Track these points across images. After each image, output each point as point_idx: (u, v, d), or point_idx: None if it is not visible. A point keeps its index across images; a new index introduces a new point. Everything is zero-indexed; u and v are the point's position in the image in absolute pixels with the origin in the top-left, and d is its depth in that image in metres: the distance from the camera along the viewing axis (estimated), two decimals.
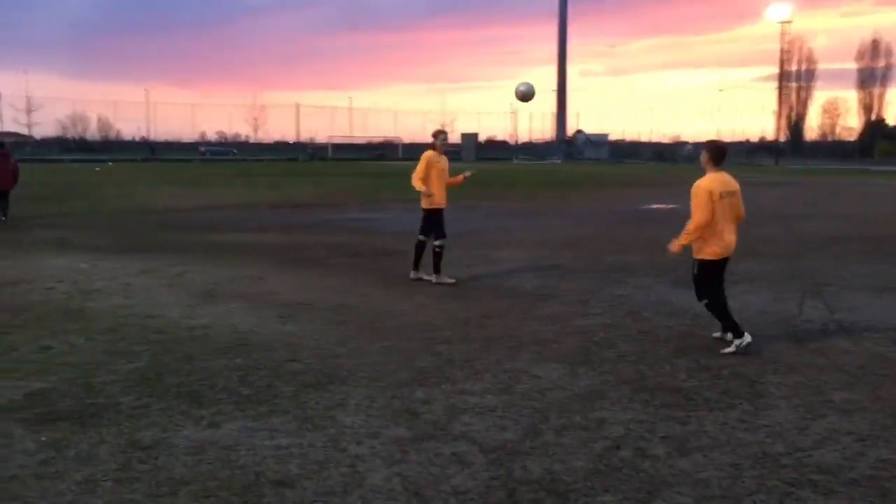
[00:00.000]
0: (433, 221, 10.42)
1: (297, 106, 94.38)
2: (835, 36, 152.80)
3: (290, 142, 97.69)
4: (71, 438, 5.11)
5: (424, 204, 10.40)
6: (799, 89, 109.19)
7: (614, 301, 9.48)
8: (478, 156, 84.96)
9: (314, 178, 41.98)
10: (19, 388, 6.13)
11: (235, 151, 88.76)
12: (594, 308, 9.07)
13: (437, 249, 10.45)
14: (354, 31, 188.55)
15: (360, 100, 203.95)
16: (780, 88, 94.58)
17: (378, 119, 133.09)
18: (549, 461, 4.73)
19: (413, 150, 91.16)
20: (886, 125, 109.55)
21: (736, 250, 7.48)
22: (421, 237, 10.57)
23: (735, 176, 7.54)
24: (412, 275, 10.69)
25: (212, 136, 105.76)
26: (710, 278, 7.37)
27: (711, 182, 7.20)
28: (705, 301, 7.41)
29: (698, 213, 7.15)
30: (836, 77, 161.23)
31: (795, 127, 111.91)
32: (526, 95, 8.60)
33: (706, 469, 4.62)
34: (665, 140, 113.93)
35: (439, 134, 10.44)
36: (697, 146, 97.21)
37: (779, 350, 7.28)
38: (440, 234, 10.45)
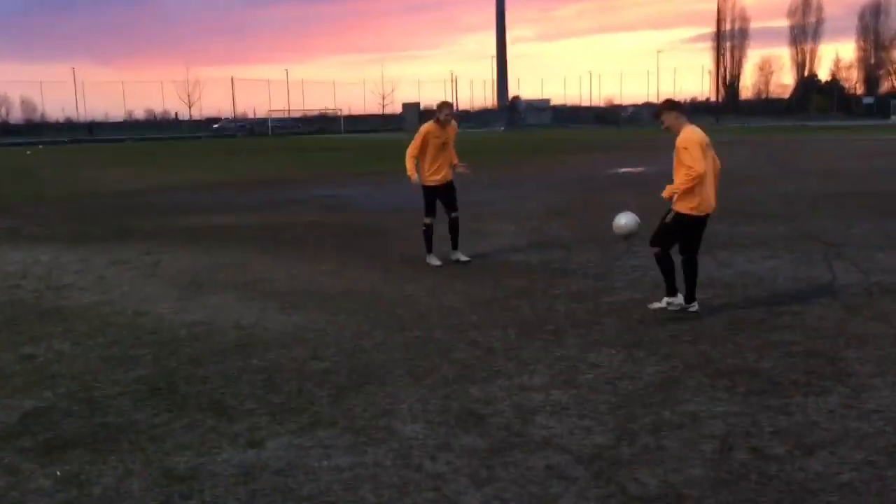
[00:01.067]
0: (433, 198, 9.57)
1: (232, 80, 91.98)
2: None
3: (223, 117, 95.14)
4: (90, 471, 4.34)
5: (425, 179, 9.56)
6: (733, 48, 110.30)
7: (634, 273, 8.91)
8: (420, 125, 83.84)
9: (263, 155, 40.70)
10: (11, 409, 5.31)
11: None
12: (617, 282, 8.50)
13: (451, 224, 9.70)
14: (286, 2, 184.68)
15: (295, 72, 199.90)
16: (718, 48, 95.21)
17: (316, 91, 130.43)
18: (661, 470, 4.11)
19: (354, 122, 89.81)
20: (819, 80, 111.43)
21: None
22: (427, 220, 9.61)
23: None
24: (432, 261, 9.67)
25: (140, 114, 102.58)
26: (679, 234, 7.01)
27: (697, 134, 6.83)
28: (657, 250, 7.03)
29: (695, 164, 6.68)
30: (769, 35, 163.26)
31: (731, 86, 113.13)
32: (628, 229, 7.49)
33: (842, 470, 4.06)
34: (601, 104, 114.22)
35: (442, 107, 9.48)
36: (638, 109, 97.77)
37: (836, 320, 6.79)
38: (449, 207, 9.65)
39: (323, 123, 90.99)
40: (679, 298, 7.02)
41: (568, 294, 8.05)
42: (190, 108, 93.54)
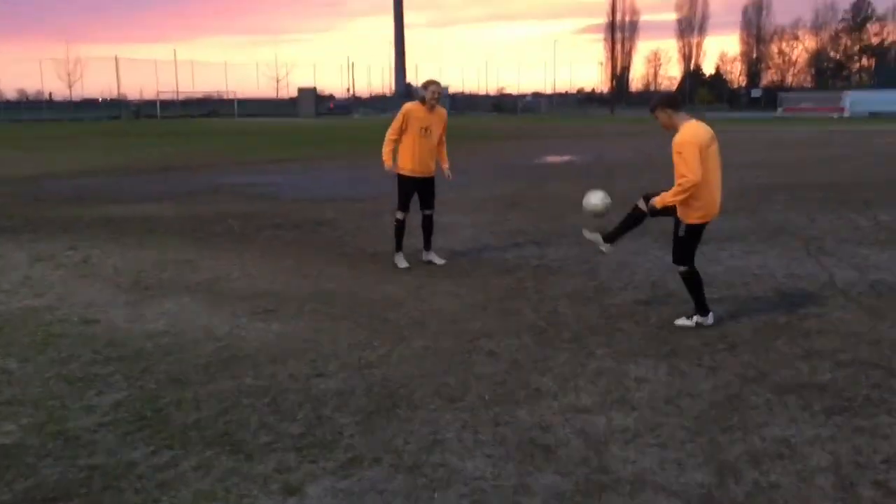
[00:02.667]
0: (408, 190, 8.60)
1: (116, 59, 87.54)
2: None
3: (100, 98, 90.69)
4: None
5: (400, 168, 8.59)
6: (623, 41, 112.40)
7: (623, 271, 8.42)
8: (317, 111, 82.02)
9: (157, 139, 38.71)
10: None
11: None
12: (612, 282, 7.97)
13: (424, 222, 8.81)
14: None
15: (183, 53, 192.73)
16: (614, 40, 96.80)
17: (206, 73, 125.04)
18: None
19: (247, 106, 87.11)
20: (703, 74, 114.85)
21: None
22: (399, 214, 8.69)
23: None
24: (399, 262, 8.74)
25: (11, 93, 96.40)
26: (695, 243, 6.41)
27: (695, 133, 6.14)
28: (684, 268, 6.39)
29: (690, 173, 6.02)
30: (657, 28, 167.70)
31: (621, 77, 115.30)
32: (597, 208, 6.77)
33: None
34: (493, 93, 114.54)
35: (428, 85, 8.47)
36: (535, 98, 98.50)
37: (864, 324, 6.44)
38: (424, 205, 8.73)
39: (214, 106, 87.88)
40: (710, 318, 6.40)
41: (565, 295, 7.47)
42: (70, 87, 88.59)
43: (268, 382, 5.30)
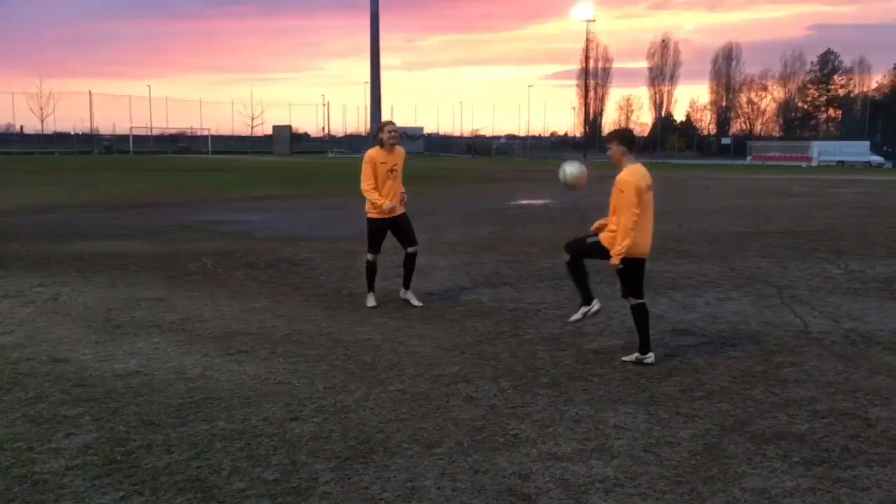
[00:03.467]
0: (379, 233, 8.65)
1: (90, 94, 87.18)
2: (618, 37, 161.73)
3: (72, 132, 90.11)
4: None
5: (369, 211, 8.63)
6: (596, 87, 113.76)
7: (599, 315, 8.36)
8: (292, 149, 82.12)
9: (129, 174, 38.48)
10: None
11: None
12: (588, 326, 7.95)
13: (406, 260, 8.81)
14: (145, 17, 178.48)
15: (157, 89, 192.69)
16: (587, 86, 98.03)
17: (180, 110, 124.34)
18: None
19: (222, 143, 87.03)
20: (674, 121, 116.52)
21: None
22: (369, 256, 8.72)
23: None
24: (369, 301, 8.80)
25: None
26: (635, 275, 6.66)
27: (636, 175, 6.48)
28: (568, 258, 6.96)
29: (628, 213, 6.38)
30: (629, 76, 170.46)
31: (594, 122, 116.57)
32: (574, 178, 7.10)
33: None
34: (468, 134, 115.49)
35: (384, 126, 8.43)
36: (509, 141, 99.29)
37: (840, 373, 6.45)
38: (406, 242, 8.75)
39: (188, 143, 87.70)
40: (651, 357, 6.63)
41: (542, 339, 7.44)
42: (42, 121, 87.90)
43: (241, 426, 5.20)
